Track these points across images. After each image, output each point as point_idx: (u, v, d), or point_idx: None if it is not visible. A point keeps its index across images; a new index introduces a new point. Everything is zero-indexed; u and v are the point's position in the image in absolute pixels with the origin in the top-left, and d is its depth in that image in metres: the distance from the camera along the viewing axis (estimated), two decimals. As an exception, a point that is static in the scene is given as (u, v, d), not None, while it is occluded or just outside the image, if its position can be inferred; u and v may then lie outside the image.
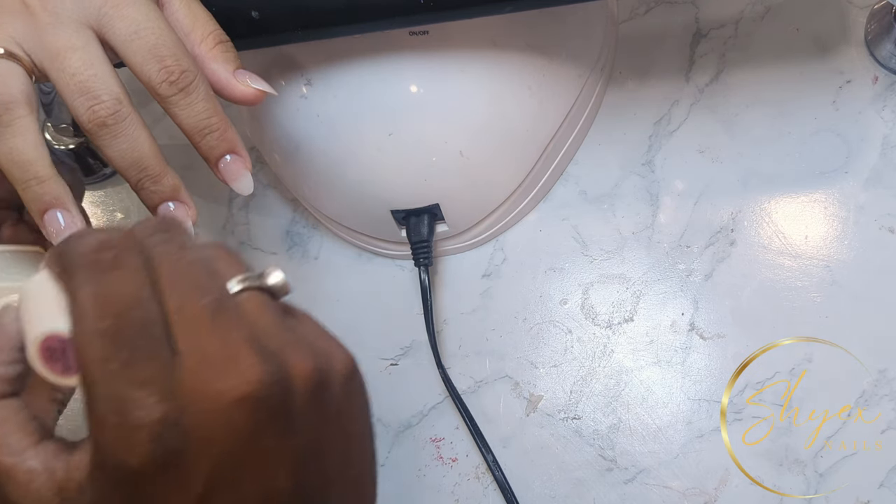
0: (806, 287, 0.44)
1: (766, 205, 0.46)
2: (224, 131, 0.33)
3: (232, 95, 0.34)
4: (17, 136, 0.30)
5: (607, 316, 0.46)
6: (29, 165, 0.30)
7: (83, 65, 0.30)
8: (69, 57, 0.30)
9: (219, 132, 0.33)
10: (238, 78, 0.34)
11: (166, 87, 0.31)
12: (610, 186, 0.48)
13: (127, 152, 0.31)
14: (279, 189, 0.52)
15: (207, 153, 0.33)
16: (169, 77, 0.31)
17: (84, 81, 0.30)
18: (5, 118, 0.30)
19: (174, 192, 0.33)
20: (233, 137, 0.33)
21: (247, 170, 0.34)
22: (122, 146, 0.31)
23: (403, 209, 0.45)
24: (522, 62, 0.42)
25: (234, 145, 0.33)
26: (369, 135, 0.42)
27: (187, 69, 0.31)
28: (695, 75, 0.48)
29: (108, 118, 0.30)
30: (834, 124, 0.46)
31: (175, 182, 0.33)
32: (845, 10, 0.47)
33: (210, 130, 0.33)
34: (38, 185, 0.31)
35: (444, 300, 0.49)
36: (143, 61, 0.31)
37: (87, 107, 0.30)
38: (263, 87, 0.34)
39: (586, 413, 0.45)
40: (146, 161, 0.32)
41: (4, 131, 0.30)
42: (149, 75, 0.31)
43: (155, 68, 0.31)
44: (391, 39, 0.40)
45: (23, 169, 0.31)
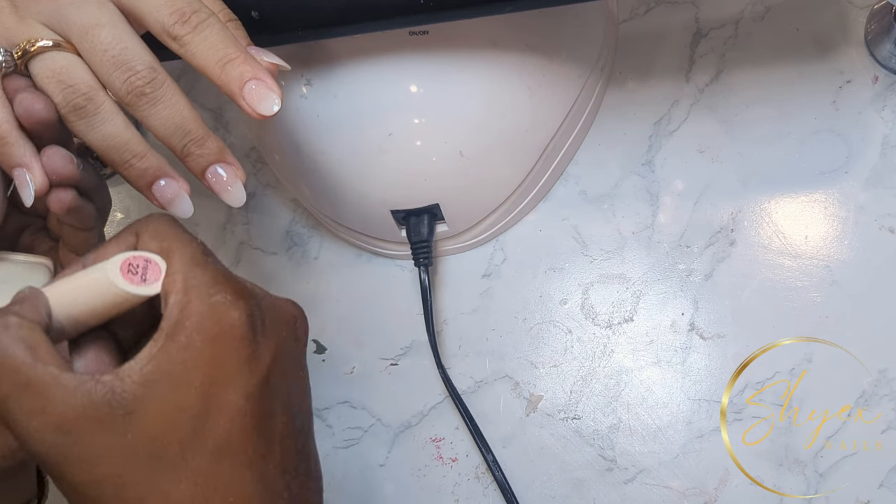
0: (806, 287, 0.44)
1: (766, 205, 0.46)
2: (245, 59, 0.32)
3: None
4: (107, 122, 0.31)
5: (607, 316, 0.46)
6: (125, 147, 0.31)
7: (113, 39, 0.30)
8: (98, 33, 0.30)
9: (240, 59, 0.32)
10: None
11: (179, 27, 0.31)
12: (610, 186, 0.48)
13: (169, 118, 0.31)
14: (279, 189, 0.52)
15: (229, 83, 0.31)
16: (181, 18, 0.31)
17: (117, 55, 0.30)
18: (90, 108, 0.30)
19: (220, 153, 0.32)
20: (256, 65, 0.32)
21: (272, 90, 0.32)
22: (164, 113, 0.31)
23: (403, 209, 0.45)
24: (522, 62, 0.42)
25: (258, 72, 0.32)
26: (369, 135, 0.42)
27: (199, 9, 0.31)
28: (695, 75, 0.48)
29: (145, 87, 0.30)
30: (834, 124, 0.46)
31: (219, 144, 0.33)
32: (845, 10, 0.47)
33: (230, 59, 0.31)
34: (139, 162, 0.32)
35: (444, 300, 0.49)
36: (156, 9, 0.31)
37: (124, 79, 0.30)
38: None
39: (586, 413, 0.45)
40: (189, 125, 0.31)
41: (93, 120, 0.31)
42: (161, 21, 0.31)
43: (167, 12, 0.31)
44: (391, 39, 0.40)
45: (120, 151, 0.31)
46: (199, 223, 0.53)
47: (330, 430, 0.48)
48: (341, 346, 0.49)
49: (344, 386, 0.48)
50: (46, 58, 0.30)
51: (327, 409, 0.48)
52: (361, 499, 0.47)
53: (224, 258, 0.52)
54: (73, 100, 0.30)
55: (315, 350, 0.49)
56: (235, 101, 0.32)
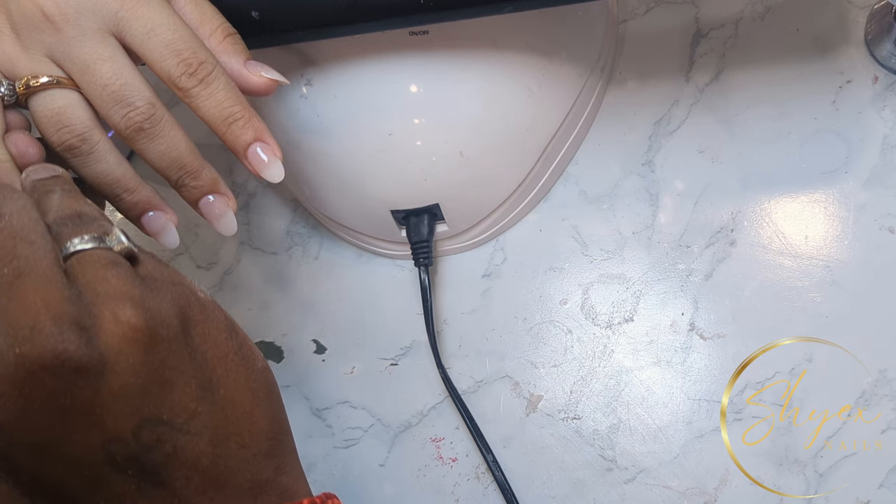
0: (806, 287, 0.44)
1: (766, 205, 0.46)
2: (249, 118, 0.33)
3: (246, 86, 0.34)
4: (101, 161, 0.32)
5: (607, 316, 0.46)
6: (117, 183, 0.33)
7: (113, 74, 0.31)
8: (99, 68, 0.31)
9: (244, 119, 0.33)
10: (250, 69, 0.34)
11: (186, 80, 0.32)
12: (610, 186, 0.48)
13: (165, 153, 0.32)
14: (279, 189, 0.52)
15: (234, 142, 0.33)
16: (188, 70, 0.31)
17: (117, 91, 0.31)
18: (85, 148, 0.31)
19: (213, 185, 0.34)
20: (259, 125, 0.34)
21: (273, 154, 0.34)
22: (161, 147, 0.32)
23: (403, 209, 0.45)
24: (522, 62, 0.42)
25: (262, 133, 0.34)
26: (369, 135, 0.42)
27: (205, 60, 0.32)
28: (695, 75, 0.48)
29: (144, 122, 0.31)
30: (834, 124, 0.46)
31: (213, 175, 0.34)
32: (845, 10, 0.47)
33: (235, 118, 0.33)
34: (130, 196, 0.33)
35: (444, 300, 0.49)
36: (161, 57, 0.31)
37: (122, 115, 0.31)
38: (276, 77, 0.35)
39: (586, 413, 0.45)
40: (184, 159, 0.33)
41: (87, 159, 0.32)
42: (168, 70, 0.31)
43: (173, 62, 0.31)
44: (391, 39, 0.40)
45: (112, 187, 0.32)
46: (199, 224, 0.53)
47: (330, 430, 0.48)
48: (341, 346, 0.49)
49: (344, 386, 0.48)
50: (46, 96, 0.31)
51: (327, 409, 0.48)
52: (361, 499, 0.47)
53: (224, 258, 0.52)
54: (69, 140, 0.31)
55: (315, 350, 0.49)
56: (239, 160, 0.34)
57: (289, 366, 0.50)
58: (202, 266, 0.52)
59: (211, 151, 0.55)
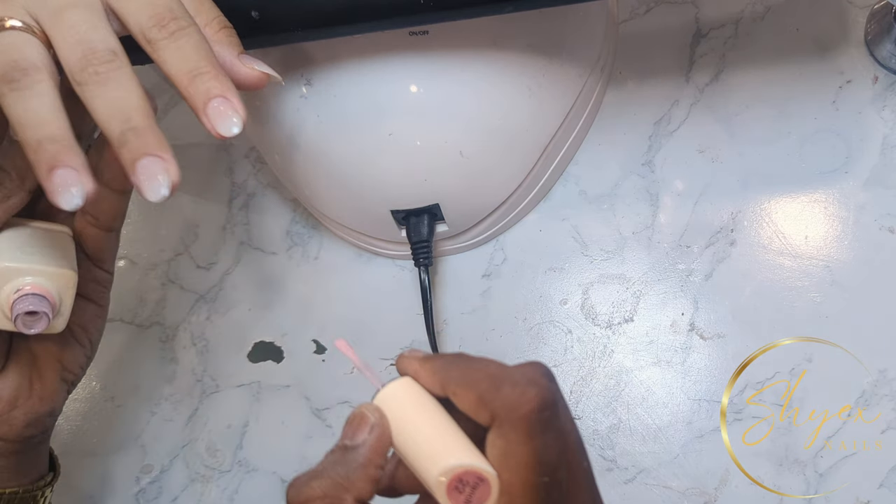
0: (806, 287, 0.44)
1: (766, 205, 0.46)
2: (217, 76, 0.30)
3: (237, 77, 0.33)
4: (35, 97, 0.29)
5: (607, 316, 0.46)
6: (44, 126, 0.29)
7: (81, 19, 0.29)
8: (69, 12, 0.30)
9: (210, 74, 0.30)
10: (243, 61, 0.33)
11: (155, 31, 0.30)
12: (610, 186, 0.48)
13: (114, 102, 0.29)
14: (279, 189, 0.52)
15: (195, 96, 0.30)
16: (159, 22, 0.30)
17: (82, 33, 0.29)
18: (25, 81, 0.29)
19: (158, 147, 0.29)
20: (227, 84, 0.30)
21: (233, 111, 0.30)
22: (110, 94, 0.29)
23: (403, 209, 0.45)
24: (522, 62, 0.42)
25: (227, 91, 0.30)
26: (369, 135, 0.42)
27: (180, 17, 0.30)
28: (695, 75, 0.48)
29: (100, 66, 0.29)
30: (834, 124, 0.46)
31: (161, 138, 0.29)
32: (845, 10, 0.47)
33: (200, 72, 0.30)
34: (51, 144, 0.29)
35: (444, 300, 0.49)
36: (137, 10, 0.30)
37: (80, 55, 0.29)
38: (268, 71, 0.33)
39: (586, 413, 0.45)
40: (132, 112, 0.29)
41: (23, 94, 0.29)
42: (140, 23, 0.30)
43: (146, 15, 0.30)
44: (391, 39, 0.40)
45: (35, 129, 0.29)
46: (199, 224, 0.52)
47: (330, 430, 0.48)
48: (341, 346, 0.49)
49: (344, 386, 0.48)
50: (10, 35, 0.29)
51: (327, 409, 0.48)
52: (361, 499, 0.47)
53: (224, 258, 0.52)
54: (10, 72, 0.29)
55: (315, 350, 0.49)
56: (197, 117, 0.30)
57: (289, 366, 0.50)
58: (202, 266, 0.52)
59: (210, 152, 0.55)
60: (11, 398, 0.35)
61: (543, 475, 0.25)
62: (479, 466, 0.25)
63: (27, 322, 0.32)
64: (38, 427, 0.36)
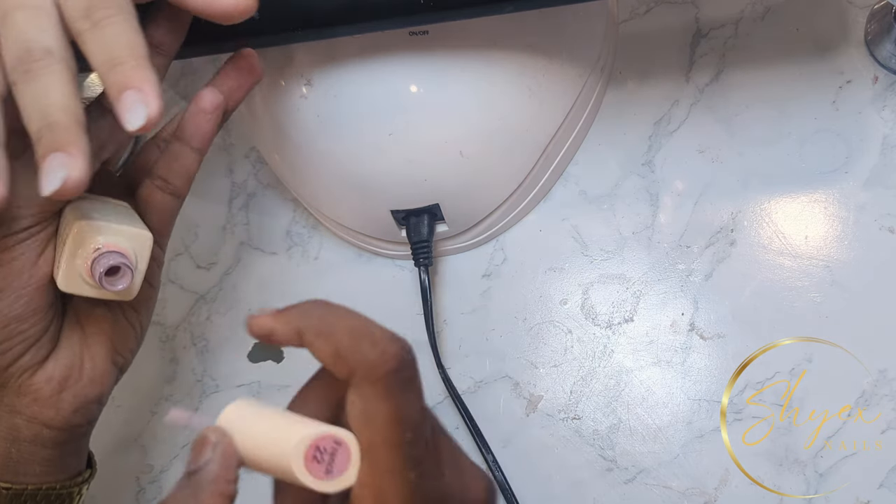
0: (806, 287, 0.44)
1: (766, 205, 0.46)
2: (138, 67, 0.28)
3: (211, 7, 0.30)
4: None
5: (607, 316, 0.46)
6: None
7: (24, 20, 0.28)
8: (16, 14, 0.28)
9: (130, 65, 0.28)
10: None
11: (81, 22, 0.28)
12: (610, 186, 0.48)
13: (35, 98, 0.27)
14: (279, 189, 0.52)
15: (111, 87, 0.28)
16: (86, 12, 0.28)
17: (22, 34, 0.28)
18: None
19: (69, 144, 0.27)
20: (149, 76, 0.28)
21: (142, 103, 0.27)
22: (32, 91, 0.27)
23: (403, 209, 0.45)
24: (522, 62, 0.42)
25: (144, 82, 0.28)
26: (369, 135, 0.42)
27: (109, 6, 0.28)
28: (695, 75, 0.48)
29: (31, 63, 0.28)
30: (834, 124, 0.46)
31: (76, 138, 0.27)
32: (845, 10, 0.47)
33: (120, 62, 0.28)
34: None
35: (444, 300, 0.49)
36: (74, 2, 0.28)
37: (15, 55, 0.28)
38: None
39: (586, 413, 0.45)
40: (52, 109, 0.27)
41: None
42: (70, 13, 0.28)
43: (81, 6, 0.28)
44: (391, 39, 0.40)
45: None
46: (199, 224, 0.52)
47: (330, 430, 0.48)
48: (341, 346, 0.49)
49: (344, 386, 0.48)
50: None
51: (327, 409, 0.48)
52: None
53: (224, 258, 0.52)
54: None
55: (315, 350, 0.49)
56: (113, 108, 0.28)
57: (289, 366, 0.50)
58: (202, 266, 0.52)
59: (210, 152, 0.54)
60: (62, 378, 0.33)
61: (406, 431, 0.24)
62: (332, 428, 0.24)
63: (111, 280, 0.30)
64: (85, 415, 0.35)
